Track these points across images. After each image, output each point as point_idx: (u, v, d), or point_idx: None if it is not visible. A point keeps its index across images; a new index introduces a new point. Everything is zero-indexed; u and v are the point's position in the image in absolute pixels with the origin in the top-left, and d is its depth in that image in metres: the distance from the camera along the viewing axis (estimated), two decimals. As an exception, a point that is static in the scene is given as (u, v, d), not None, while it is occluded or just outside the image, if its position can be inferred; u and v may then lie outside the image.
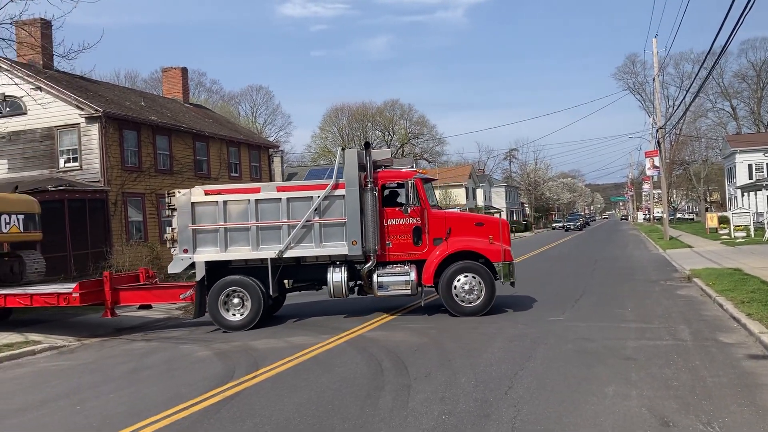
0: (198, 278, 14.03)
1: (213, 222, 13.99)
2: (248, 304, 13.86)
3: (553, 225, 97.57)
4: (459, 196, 74.13)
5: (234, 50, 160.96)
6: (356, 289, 14.43)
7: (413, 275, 13.77)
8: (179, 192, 14.28)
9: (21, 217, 16.09)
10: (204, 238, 14.03)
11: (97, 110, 24.40)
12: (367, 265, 13.91)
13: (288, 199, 13.97)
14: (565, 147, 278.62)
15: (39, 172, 25.04)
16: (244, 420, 7.29)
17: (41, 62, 25.69)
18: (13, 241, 16.59)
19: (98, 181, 24.53)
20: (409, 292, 13.81)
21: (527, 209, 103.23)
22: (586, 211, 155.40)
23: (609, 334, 10.96)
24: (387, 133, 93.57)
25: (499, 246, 13.84)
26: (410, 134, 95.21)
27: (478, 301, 13.69)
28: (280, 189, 14.34)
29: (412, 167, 15.34)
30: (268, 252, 13.94)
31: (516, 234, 70.32)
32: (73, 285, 14.24)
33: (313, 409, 7.53)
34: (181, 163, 29.27)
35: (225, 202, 13.99)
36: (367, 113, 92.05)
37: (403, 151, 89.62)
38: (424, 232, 14.10)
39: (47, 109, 24.03)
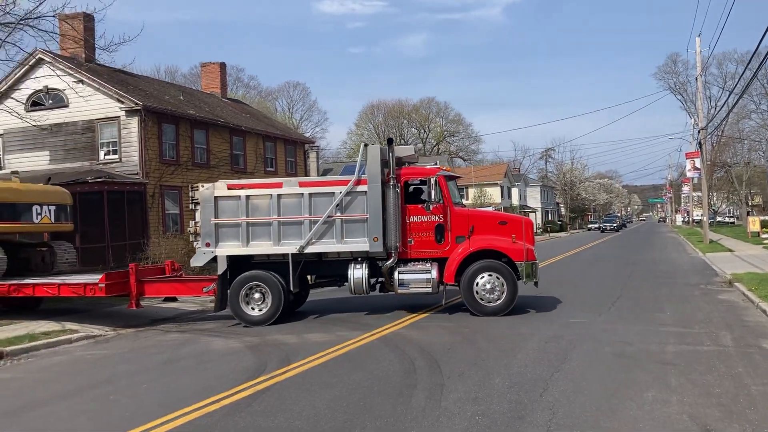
0: (220, 272, 14.05)
1: (235, 216, 13.98)
2: (269, 299, 13.83)
3: (589, 226, 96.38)
4: (494, 194, 73.58)
5: (272, 47, 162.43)
6: (377, 286, 14.35)
7: (434, 273, 13.62)
8: (203, 186, 14.36)
9: (53, 208, 16.36)
10: (226, 232, 14.03)
11: (137, 104, 24.73)
12: (388, 262, 13.81)
13: (310, 194, 13.91)
14: (602, 147, 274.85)
15: (80, 163, 25.50)
16: (276, 414, 7.26)
17: (83, 55, 26.16)
18: (44, 231, 16.85)
19: (137, 174, 24.88)
20: (430, 290, 13.66)
21: (563, 209, 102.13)
22: (623, 213, 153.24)
23: (647, 338, 10.69)
24: (423, 131, 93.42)
25: (522, 245, 13.64)
26: (446, 132, 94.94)
27: (500, 300, 13.49)
28: (302, 184, 14.33)
29: (436, 164, 15.02)
30: (289, 247, 13.88)
31: (551, 234, 69.64)
32: (100, 276, 14.44)
33: (345, 405, 7.48)
34: (217, 157, 29.53)
35: (247, 197, 13.98)
36: (403, 110, 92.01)
37: (438, 149, 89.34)
38: (446, 230, 13.93)
39: (88, 102, 24.53)
